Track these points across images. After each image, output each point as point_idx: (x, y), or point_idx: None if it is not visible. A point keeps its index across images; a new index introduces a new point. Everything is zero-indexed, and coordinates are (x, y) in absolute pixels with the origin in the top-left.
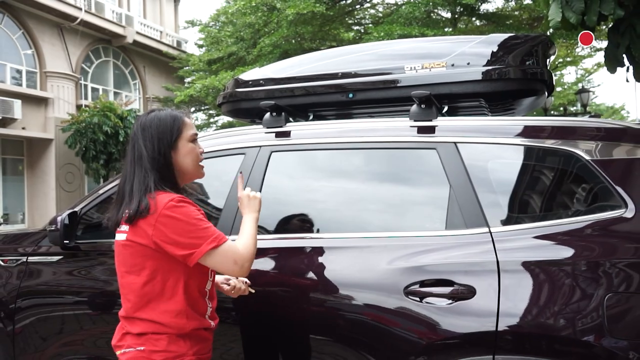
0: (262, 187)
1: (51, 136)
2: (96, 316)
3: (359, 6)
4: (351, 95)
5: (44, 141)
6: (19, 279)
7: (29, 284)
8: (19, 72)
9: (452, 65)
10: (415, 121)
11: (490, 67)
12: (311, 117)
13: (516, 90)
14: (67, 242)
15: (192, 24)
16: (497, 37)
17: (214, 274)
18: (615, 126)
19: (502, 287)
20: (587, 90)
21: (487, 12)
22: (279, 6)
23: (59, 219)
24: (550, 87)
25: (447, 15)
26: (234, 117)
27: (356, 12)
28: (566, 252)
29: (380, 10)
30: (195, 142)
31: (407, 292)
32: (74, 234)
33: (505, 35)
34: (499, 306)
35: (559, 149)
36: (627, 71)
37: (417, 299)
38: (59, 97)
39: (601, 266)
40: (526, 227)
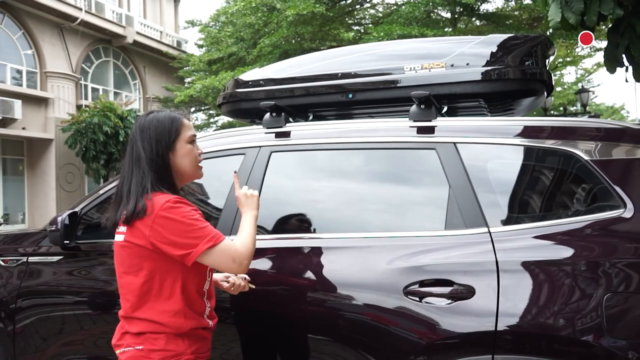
0: (262, 187)
1: (51, 136)
2: (96, 316)
3: (358, 6)
4: (351, 95)
5: (44, 141)
6: (20, 279)
7: (29, 284)
8: (19, 72)
9: (452, 65)
10: (414, 121)
11: (489, 68)
12: (311, 118)
13: (515, 90)
14: (68, 242)
15: (192, 24)
16: (496, 38)
17: (211, 274)
18: (614, 126)
19: (502, 287)
20: (587, 90)
21: (487, 12)
22: (279, 7)
23: (60, 219)
24: (549, 88)
25: (447, 15)
26: (233, 118)
27: (356, 12)
28: (565, 252)
29: (380, 10)
30: (193, 143)
31: (407, 292)
32: (74, 234)
33: (504, 35)
34: (498, 306)
35: (559, 149)
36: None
37: (417, 299)
38: (59, 97)
39: (600, 266)
40: (525, 227)
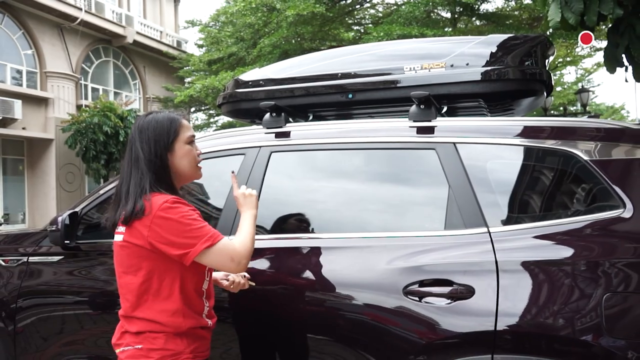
0: (261, 188)
1: (51, 136)
2: (97, 316)
3: (358, 6)
4: (351, 95)
5: (45, 141)
6: (20, 279)
7: (29, 284)
8: (19, 72)
9: (451, 65)
10: (414, 121)
11: (489, 68)
12: (311, 118)
13: (515, 90)
14: (68, 242)
15: (192, 24)
16: (496, 38)
17: (210, 274)
18: (614, 126)
19: (501, 287)
20: (587, 90)
21: (486, 12)
22: (279, 7)
23: (60, 219)
24: (549, 88)
25: (447, 15)
26: (233, 118)
27: (356, 12)
28: (564, 252)
29: (380, 10)
30: (192, 144)
31: (407, 291)
32: (75, 234)
33: (504, 35)
34: (497, 306)
35: (558, 149)
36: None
37: (416, 299)
38: (59, 97)
39: (599, 266)
40: (525, 227)
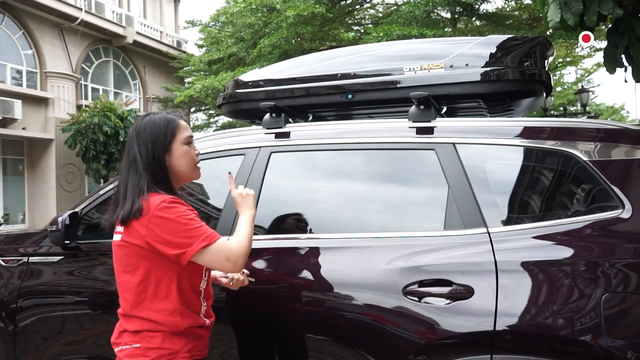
0: (261, 188)
1: (51, 136)
2: (97, 316)
3: (358, 6)
4: (350, 96)
5: (45, 141)
6: (20, 279)
7: (30, 284)
8: (19, 72)
9: (451, 66)
10: (414, 122)
11: (488, 69)
12: (310, 118)
13: (514, 91)
14: (68, 242)
15: (192, 24)
16: (495, 39)
17: (208, 274)
18: (613, 127)
19: (500, 287)
20: (587, 90)
21: (486, 12)
22: (279, 7)
23: (60, 219)
24: (548, 88)
25: (446, 15)
26: (233, 118)
27: (356, 13)
28: (563, 253)
29: (380, 10)
30: (190, 144)
31: (406, 292)
32: (75, 234)
33: (503, 36)
34: (496, 306)
35: (558, 149)
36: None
37: (416, 299)
38: (59, 97)
39: (598, 266)
40: (524, 227)
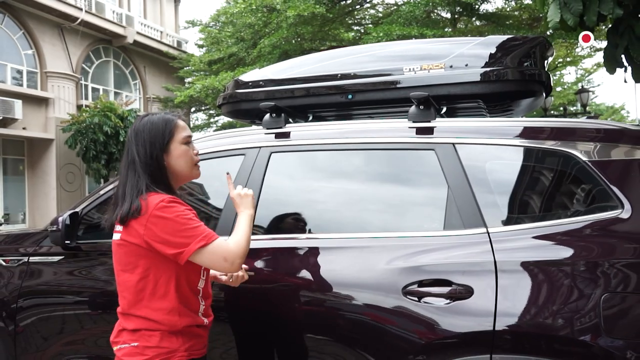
0: (261, 188)
1: (52, 136)
2: (97, 316)
3: (358, 7)
4: (350, 96)
5: (45, 141)
6: (21, 279)
7: (30, 284)
8: (20, 72)
9: (451, 66)
10: (414, 122)
11: (488, 69)
12: (310, 118)
13: (514, 91)
14: (68, 242)
15: (193, 24)
16: (495, 39)
17: (207, 273)
18: (613, 127)
19: (500, 287)
20: (587, 90)
21: (486, 12)
22: (279, 7)
23: (60, 219)
24: (548, 88)
25: (446, 15)
26: (233, 118)
27: (356, 13)
28: (562, 253)
29: (380, 10)
30: (189, 144)
31: (406, 292)
32: (75, 234)
33: (503, 36)
34: (496, 306)
35: (557, 150)
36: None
37: (416, 299)
38: (59, 97)
39: (597, 266)
40: (523, 227)
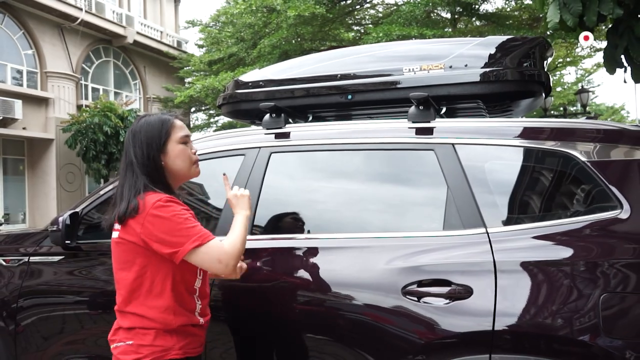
0: (261, 188)
1: (52, 136)
2: (97, 315)
3: (358, 7)
4: (350, 96)
5: (45, 141)
6: (21, 279)
7: (30, 284)
8: (20, 72)
9: (450, 67)
10: (413, 122)
11: (487, 69)
12: (310, 119)
13: (514, 91)
14: (69, 242)
15: (193, 24)
16: (494, 39)
17: (204, 273)
18: (612, 128)
19: (499, 287)
20: (587, 90)
21: (486, 12)
22: (279, 8)
23: (61, 219)
24: (547, 89)
25: (446, 15)
26: (233, 118)
27: (356, 13)
28: (561, 253)
29: (380, 10)
30: (186, 143)
31: (405, 292)
32: (75, 234)
33: (502, 37)
34: (495, 306)
35: (557, 150)
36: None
37: (415, 299)
38: (59, 97)
39: (596, 266)
40: (522, 227)
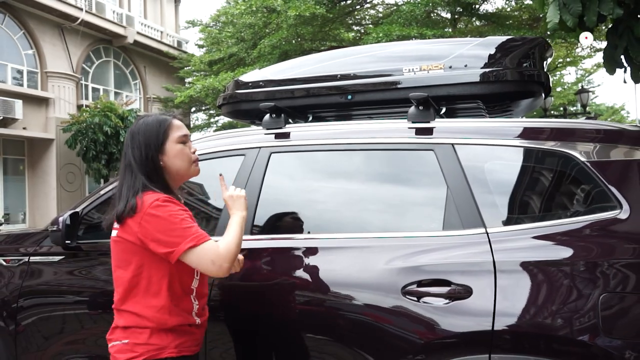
0: (261, 188)
1: (52, 136)
2: (97, 315)
3: (359, 7)
4: (350, 97)
5: (45, 141)
6: (21, 279)
7: (30, 284)
8: (20, 72)
9: (450, 67)
10: (413, 123)
11: (487, 70)
12: (310, 119)
13: (513, 92)
14: (69, 242)
15: (193, 24)
16: (494, 40)
17: (201, 274)
18: (612, 128)
19: (499, 287)
20: (587, 90)
21: (486, 12)
22: (280, 8)
23: (61, 219)
24: (547, 89)
25: (446, 15)
26: (233, 119)
27: (356, 13)
28: (561, 253)
29: (380, 10)
30: (185, 143)
31: (405, 292)
32: (76, 234)
33: (502, 37)
34: (495, 306)
35: (556, 150)
36: (625, 72)
37: (415, 299)
38: (59, 97)
39: (596, 267)
40: (522, 227)
